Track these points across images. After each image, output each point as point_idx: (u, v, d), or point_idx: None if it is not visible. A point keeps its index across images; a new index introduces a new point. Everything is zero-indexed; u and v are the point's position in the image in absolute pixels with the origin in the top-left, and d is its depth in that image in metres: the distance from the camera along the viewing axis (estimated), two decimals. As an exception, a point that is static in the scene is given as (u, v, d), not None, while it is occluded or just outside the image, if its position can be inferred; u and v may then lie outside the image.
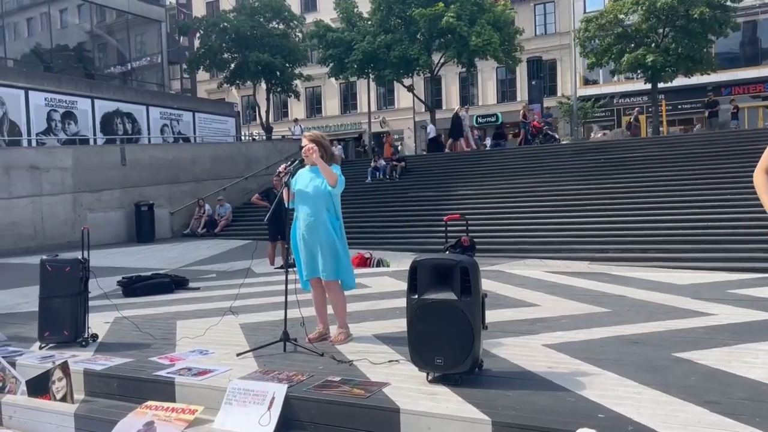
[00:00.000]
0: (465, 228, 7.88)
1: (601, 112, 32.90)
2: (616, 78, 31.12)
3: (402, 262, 11.62)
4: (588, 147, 19.57)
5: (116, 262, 12.49)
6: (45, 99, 18.87)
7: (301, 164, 4.79)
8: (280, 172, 4.79)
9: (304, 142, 4.73)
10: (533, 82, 24.75)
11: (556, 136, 23.31)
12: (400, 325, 5.25)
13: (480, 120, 37.51)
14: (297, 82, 31.15)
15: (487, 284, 7.21)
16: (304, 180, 4.73)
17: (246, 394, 3.63)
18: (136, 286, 7.79)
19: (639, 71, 23.24)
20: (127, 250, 14.74)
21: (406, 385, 3.55)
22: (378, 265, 10.58)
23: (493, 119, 36.61)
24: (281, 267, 10.64)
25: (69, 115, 19.68)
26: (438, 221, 15.49)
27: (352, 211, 14.80)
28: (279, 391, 3.56)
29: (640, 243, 12.16)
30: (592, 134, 27.92)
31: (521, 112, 23.30)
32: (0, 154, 15.42)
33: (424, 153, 27.54)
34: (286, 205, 4.83)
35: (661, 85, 24.19)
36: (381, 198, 18.40)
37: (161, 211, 17.65)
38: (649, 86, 24.49)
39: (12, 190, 14.78)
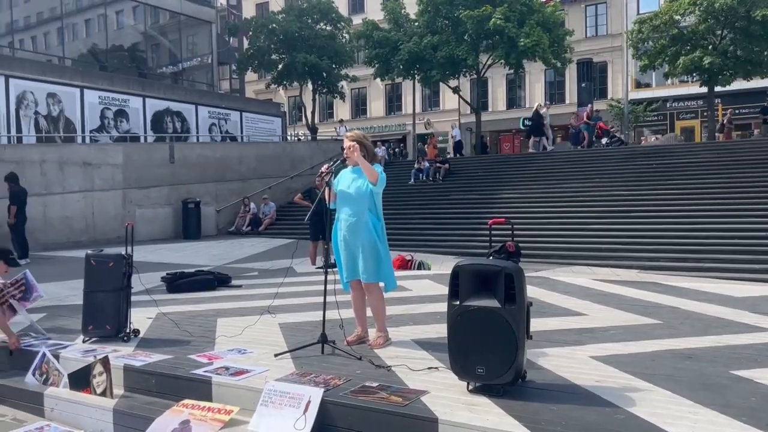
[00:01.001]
0: (510, 233, 7.67)
1: (653, 116, 31.96)
2: (669, 81, 30.23)
3: (443, 265, 11.48)
4: (639, 152, 19.00)
5: (163, 257, 12.71)
6: (99, 97, 19.41)
7: (344, 164, 4.71)
8: (322, 172, 4.72)
9: (346, 142, 4.66)
10: (583, 85, 24.20)
11: (623, 139, 22.48)
12: (440, 330, 5.13)
13: (527, 122, 36.95)
14: (343, 83, 31.29)
15: (531, 291, 6.99)
16: (346, 180, 4.66)
17: (282, 396, 3.57)
18: (179, 282, 7.86)
19: (695, 74, 22.46)
20: (174, 246, 14.99)
21: (446, 395, 3.43)
22: (419, 268, 10.45)
23: (541, 122, 36.02)
24: (322, 267, 10.65)
25: (121, 113, 20.19)
26: (481, 225, 15.26)
27: (393, 213, 14.71)
28: (315, 394, 3.49)
29: (693, 252, 11.69)
30: (644, 139, 27.12)
31: (586, 113, 22.59)
32: (55, 150, 15.89)
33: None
34: (328, 206, 4.76)
35: (717, 88, 23.32)
36: (423, 200, 18.26)
37: (207, 208, 17.92)
38: (704, 90, 23.66)
39: (65, 185, 15.22)
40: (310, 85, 30.77)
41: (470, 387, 3.49)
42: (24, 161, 14.24)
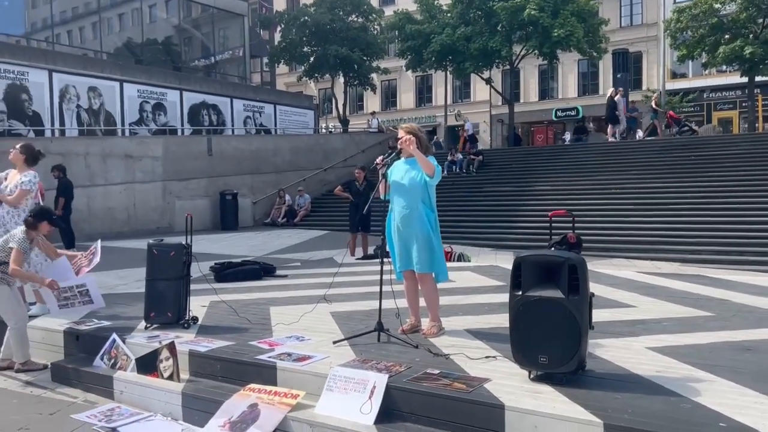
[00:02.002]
0: (571, 224, 7.66)
1: (689, 106, 31.39)
2: (707, 71, 29.63)
3: (480, 257, 11.52)
4: (676, 144, 18.72)
5: (203, 248, 12.96)
6: (138, 90, 19.80)
7: (398, 156, 4.78)
8: (377, 164, 4.80)
9: (401, 133, 4.74)
10: (618, 75, 23.87)
11: (695, 128, 21.84)
12: (490, 321, 5.22)
13: (560, 114, 36.62)
14: (373, 75, 31.35)
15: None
16: (399, 172, 4.74)
17: (347, 381, 3.69)
18: (227, 272, 8.06)
19: (735, 64, 22.00)
20: (213, 237, 15.27)
21: (508, 382, 3.50)
22: (459, 260, 10.50)
23: (574, 113, 35.65)
24: (362, 258, 10.79)
25: (159, 107, 20.57)
26: (516, 217, 15.27)
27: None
28: (380, 380, 3.59)
29: (735, 245, 11.56)
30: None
31: (653, 100, 21.82)
32: (98, 142, 16.30)
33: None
34: (381, 197, 4.84)
35: (758, 78, 22.82)
36: (456, 192, 18.26)
37: (244, 200, 18.20)
38: (744, 80, 23.16)
39: (108, 177, 15.61)
40: (341, 78, 30.91)
41: (532, 375, 3.56)
42: (69, 154, 14.62)
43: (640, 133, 21.21)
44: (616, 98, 20.90)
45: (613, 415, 2.95)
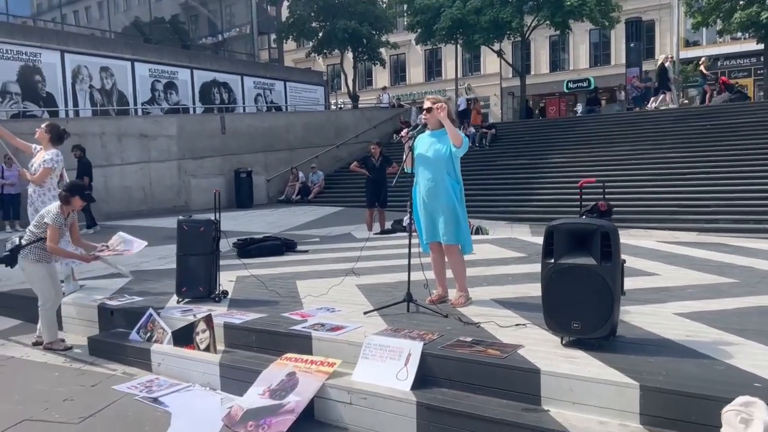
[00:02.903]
0: (602, 192, 7.66)
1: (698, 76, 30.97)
2: (721, 39, 29.21)
3: (496, 231, 11.56)
4: (692, 113, 18.55)
5: (221, 225, 13.08)
6: (149, 70, 19.81)
7: (423, 129, 4.81)
8: (402, 137, 4.83)
9: (427, 104, 4.76)
10: (632, 45, 23.55)
11: (746, 93, 21.24)
12: (517, 291, 5.29)
13: (571, 85, 36.29)
14: (382, 49, 31.12)
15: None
16: (424, 144, 4.77)
17: (382, 349, 3.78)
18: (251, 247, 8.16)
19: (751, 30, 21.66)
20: (229, 215, 15.35)
21: (541, 348, 3.58)
22: (477, 233, 10.55)
23: (585, 84, 35.33)
24: (380, 233, 10.86)
25: (171, 86, 20.58)
26: (531, 190, 15.25)
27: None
28: (415, 348, 3.68)
29: (753, 213, 11.53)
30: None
31: (701, 65, 21.18)
32: (113, 122, 16.38)
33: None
34: (406, 170, 4.89)
35: (774, 45, 22.48)
36: (470, 166, 18.10)
37: (258, 177, 18.28)
38: (759, 47, 22.82)
39: (124, 157, 15.72)
40: (349, 53, 30.71)
41: (564, 341, 3.63)
42: (85, 134, 14.71)
43: (653, 104, 20.88)
44: (666, 64, 20.48)
45: (648, 377, 3.02)
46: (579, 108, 31.08)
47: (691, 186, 13.20)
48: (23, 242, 5.08)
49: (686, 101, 24.81)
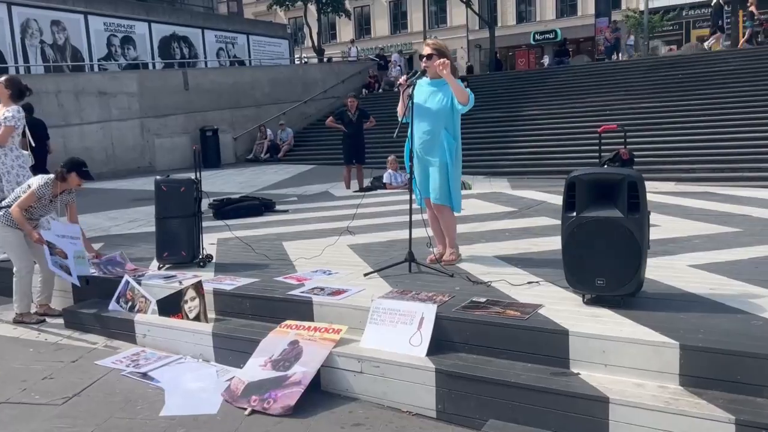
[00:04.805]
0: (623, 139, 7.43)
1: (669, 25, 30.99)
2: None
3: (477, 185, 11.35)
4: (664, 62, 18.49)
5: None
6: (104, 24, 18.75)
7: (422, 75, 4.46)
8: (400, 84, 4.47)
9: (427, 50, 4.41)
10: (601, -6, 23.28)
11: None
12: (517, 246, 5.09)
13: (538, 37, 35.96)
14: (347, 0, 30.20)
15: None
16: (423, 94, 4.43)
17: (392, 313, 3.52)
18: (228, 208, 7.77)
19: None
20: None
21: (563, 307, 3.37)
22: (461, 188, 10.33)
23: (552, 36, 35.02)
24: (358, 190, 10.55)
25: (128, 40, 19.55)
26: (507, 142, 15.06)
27: (406, 136, 14.20)
28: (428, 311, 3.43)
29: (729, 162, 11.57)
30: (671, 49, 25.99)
31: (751, 5, 19.82)
32: (70, 79, 15.46)
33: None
34: (401, 120, 4.54)
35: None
36: (444, 120, 17.92)
37: (225, 136, 17.65)
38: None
39: (83, 116, 14.92)
40: (312, 5, 29.70)
41: (585, 299, 3.43)
42: (38, 92, 13.62)
43: (709, 42, 20.24)
44: (722, 1, 19.82)
45: (686, 336, 2.83)
46: (546, 60, 30.87)
47: (666, 135, 13.17)
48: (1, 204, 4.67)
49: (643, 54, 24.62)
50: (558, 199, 7.83)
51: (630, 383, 2.83)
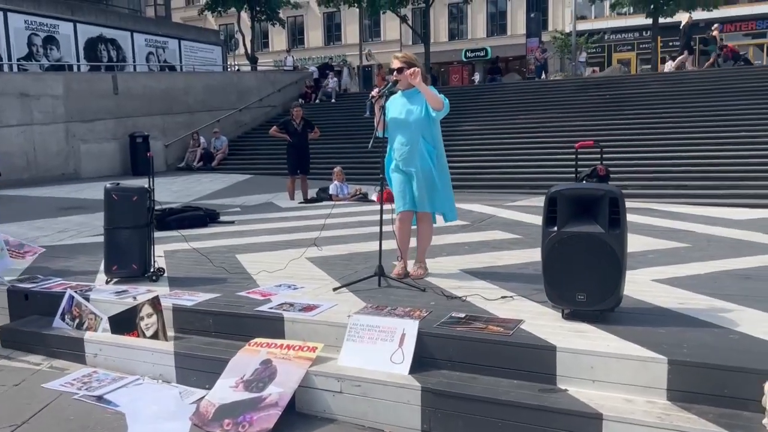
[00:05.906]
0: (599, 156, 7.55)
1: (593, 47, 32.46)
2: (608, 13, 30.63)
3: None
4: (591, 83, 19.30)
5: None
6: (25, 21, 17.69)
7: (394, 86, 4.40)
8: (373, 96, 4.41)
9: (397, 63, 4.37)
10: (532, 15, 24.19)
11: (749, 59, 21.59)
12: (481, 260, 5.09)
13: (469, 54, 36.78)
14: (280, 10, 29.91)
15: (528, 220, 7.03)
16: (396, 106, 4.40)
17: (371, 330, 3.41)
18: (170, 219, 7.41)
19: (640, 5, 22.76)
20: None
21: (543, 322, 3.36)
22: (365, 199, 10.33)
23: (482, 54, 35.92)
24: (303, 201, 10.34)
25: (51, 40, 18.53)
26: (448, 155, 15.22)
27: (352, 147, 14.30)
28: (410, 327, 3.34)
29: (659, 179, 12.14)
30: (594, 71, 27.17)
31: (714, 33, 20.79)
32: (-14, 79, 14.47)
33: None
34: (379, 135, 4.47)
35: (660, 20, 23.75)
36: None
37: (156, 143, 16.92)
38: (643, 21, 24.05)
39: (2, 119, 13.96)
40: (244, 13, 29.23)
41: (564, 314, 3.44)
42: (-48, 91, 12.89)
43: (671, 65, 21.01)
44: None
45: (672, 350, 2.87)
46: (476, 77, 31.58)
47: (597, 153, 13.65)
48: None
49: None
50: (506, 213, 7.99)
51: (620, 399, 2.83)
